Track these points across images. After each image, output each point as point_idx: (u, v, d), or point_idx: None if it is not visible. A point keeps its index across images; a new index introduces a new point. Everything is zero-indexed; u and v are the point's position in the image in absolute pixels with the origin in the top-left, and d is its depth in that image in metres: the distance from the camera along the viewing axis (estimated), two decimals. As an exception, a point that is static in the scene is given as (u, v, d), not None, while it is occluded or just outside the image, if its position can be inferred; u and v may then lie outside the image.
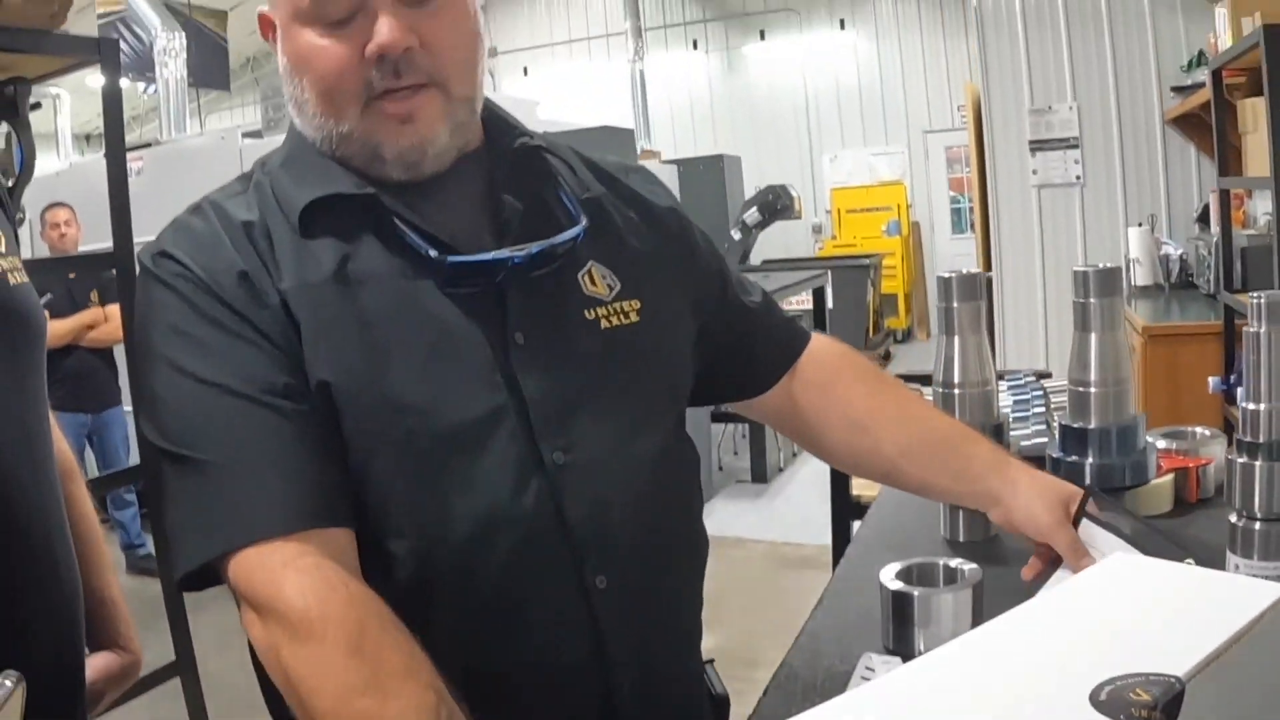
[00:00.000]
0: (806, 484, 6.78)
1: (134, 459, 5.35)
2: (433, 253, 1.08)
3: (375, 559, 1.06)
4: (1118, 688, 0.68)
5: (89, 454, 5.52)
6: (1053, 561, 1.30)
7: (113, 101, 2.80)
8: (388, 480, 1.06)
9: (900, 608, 1.28)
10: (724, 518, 6.20)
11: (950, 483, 1.38)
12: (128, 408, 5.46)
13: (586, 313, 1.16)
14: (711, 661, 1.36)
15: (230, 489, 1.00)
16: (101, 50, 2.68)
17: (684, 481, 1.26)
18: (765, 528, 6.00)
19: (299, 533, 0.99)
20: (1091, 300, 1.54)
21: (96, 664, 1.41)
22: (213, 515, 1.00)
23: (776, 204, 9.21)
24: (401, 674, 0.92)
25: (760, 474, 6.94)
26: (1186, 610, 0.83)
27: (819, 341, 1.45)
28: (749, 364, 1.40)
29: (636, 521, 1.15)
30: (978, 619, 1.24)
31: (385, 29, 1.05)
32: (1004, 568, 1.43)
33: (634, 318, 1.19)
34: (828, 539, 5.49)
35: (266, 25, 1.15)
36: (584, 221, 1.18)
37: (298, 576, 0.96)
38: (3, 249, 1.30)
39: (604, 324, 1.17)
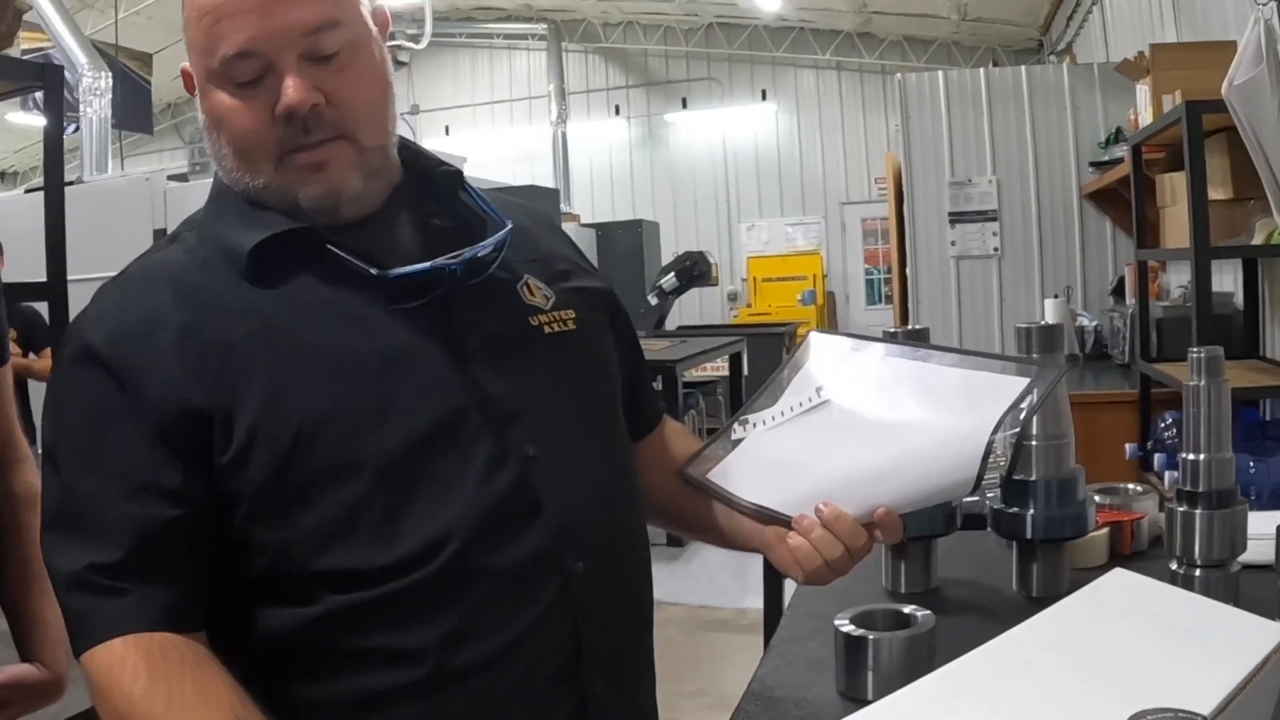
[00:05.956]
0: (721, 549, 6.77)
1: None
2: (374, 271, 1.12)
3: (339, 579, 1.07)
4: None
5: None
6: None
7: (54, 133, 2.65)
8: (361, 500, 1.07)
9: (854, 651, 1.29)
10: (641, 580, 6.16)
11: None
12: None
13: (530, 319, 1.24)
14: None
15: None
16: (45, 77, 2.57)
17: (634, 476, 1.33)
18: (682, 591, 5.98)
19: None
20: (1034, 355, 1.56)
21: (11, 671, 1.45)
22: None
23: (694, 270, 9.22)
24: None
25: (676, 538, 6.90)
26: (1196, 643, 0.85)
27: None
28: (641, 397, 1.45)
29: (603, 508, 1.22)
30: (931, 663, 1.24)
31: (291, 89, 1.10)
32: (947, 616, 1.44)
33: (572, 325, 1.27)
34: (744, 603, 5.52)
35: (188, 79, 1.18)
36: (509, 224, 1.23)
37: None
38: None
39: (547, 329, 1.24)
